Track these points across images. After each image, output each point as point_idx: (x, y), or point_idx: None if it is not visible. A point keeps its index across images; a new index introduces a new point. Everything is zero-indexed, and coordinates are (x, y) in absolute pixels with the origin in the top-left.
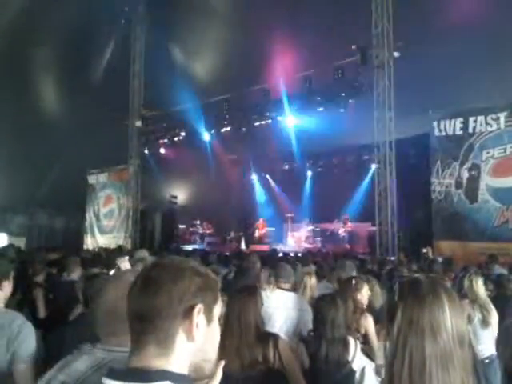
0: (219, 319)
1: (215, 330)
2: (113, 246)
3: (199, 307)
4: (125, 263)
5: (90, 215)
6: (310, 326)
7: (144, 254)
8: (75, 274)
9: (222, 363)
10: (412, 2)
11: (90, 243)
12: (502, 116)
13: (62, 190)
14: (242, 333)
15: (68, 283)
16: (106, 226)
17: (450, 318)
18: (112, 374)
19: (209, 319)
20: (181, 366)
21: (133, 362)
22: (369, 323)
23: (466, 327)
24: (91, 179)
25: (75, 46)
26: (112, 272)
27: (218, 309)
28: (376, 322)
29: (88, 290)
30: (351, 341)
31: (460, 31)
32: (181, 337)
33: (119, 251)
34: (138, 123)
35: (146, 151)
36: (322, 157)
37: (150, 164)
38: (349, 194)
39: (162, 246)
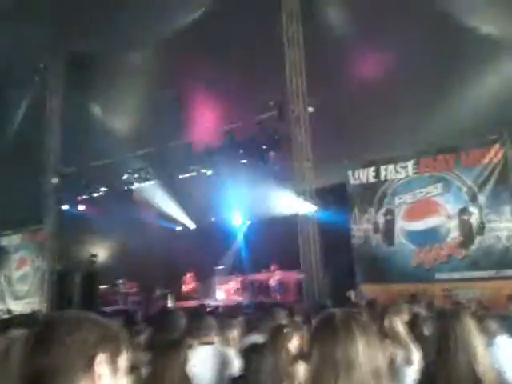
0: (141, 378)
1: (122, 383)
2: (27, 312)
3: (100, 357)
4: None
5: (0, 280)
6: None
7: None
8: None
9: None
10: (323, 58)
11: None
12: (410, 164)
13: None
14: None
15: None
16: (19, 291)
17: (363, 351)
18: None
19: (113, 370)
20: None
21: None
22: (300, 372)
23: (382, 360)
24: (3, 241)
25: None
26: None
27: (124, 360)
28: None
29: None
30: None
31: (368, 84)
32: None
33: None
34: (55, 180)
35: (64, 209)
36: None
37: (68, 222)
38: (274, 244)
39: (82, 309)
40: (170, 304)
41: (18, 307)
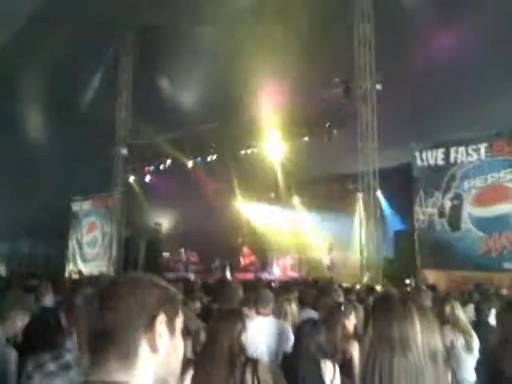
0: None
1: (178, 343)
2: (95, 274)
3: (162, 317)
4: None
5: (72, 243)
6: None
7: None
8: (47, 300)
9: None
10: (393, 34)
11: (71, 271)
12: (482, 147)
13: (45, 217)
14: (223, 357)
15: (43, 310)
16: (88, 254)
17: (420, 332)
18: None
19: (171, 331)
20: (145, 378)
21: (92, 376)
22: (354, 349)
23: (439, 343)
24: (75, 206)
25: (62, 74)
26: None
27: (180, 322)
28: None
29: None
30: (329, 364)
31: (440, 62)
32: (144, 348)
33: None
34: (124, 151)
35: (131, 179)
36: (307, 185)
37: (135, 191)
38: (333, 222)
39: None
40: (227, 275)
41: (86, 269)
